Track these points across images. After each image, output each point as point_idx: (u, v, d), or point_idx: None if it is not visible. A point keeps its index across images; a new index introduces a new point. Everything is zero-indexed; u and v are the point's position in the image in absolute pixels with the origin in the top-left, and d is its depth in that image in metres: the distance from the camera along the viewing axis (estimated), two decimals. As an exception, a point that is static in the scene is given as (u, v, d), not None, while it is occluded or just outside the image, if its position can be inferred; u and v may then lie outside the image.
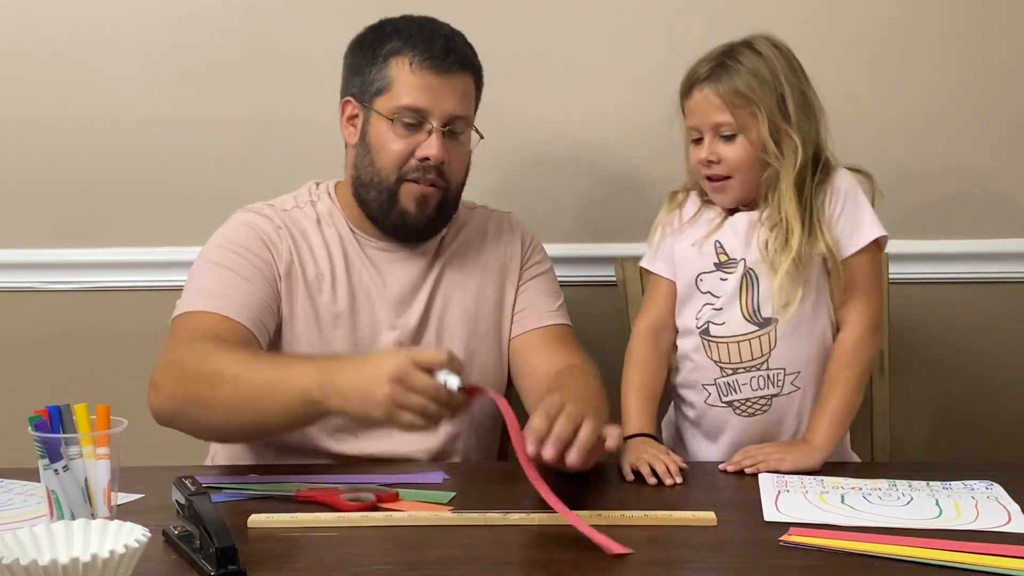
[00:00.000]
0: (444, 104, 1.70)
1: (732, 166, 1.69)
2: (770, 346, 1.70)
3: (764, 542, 1.33)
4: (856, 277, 1.70)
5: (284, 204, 1.80)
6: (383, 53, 1.72)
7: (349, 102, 1.77)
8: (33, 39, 2.18)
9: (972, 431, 2.22)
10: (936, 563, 1.26)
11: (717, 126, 1.69)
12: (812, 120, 1.70)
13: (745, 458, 1.66)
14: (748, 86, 1.67)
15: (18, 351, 2.25)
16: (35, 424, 1.33)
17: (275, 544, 1.34)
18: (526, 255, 1.87)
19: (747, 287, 1.70)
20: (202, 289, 1.68)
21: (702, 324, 1.73)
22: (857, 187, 1.71)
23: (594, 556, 1.31)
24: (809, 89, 1.71)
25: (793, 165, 1.67)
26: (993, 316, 2.19)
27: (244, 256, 1.71)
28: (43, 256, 2.23)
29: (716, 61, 1.70)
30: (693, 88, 1.71)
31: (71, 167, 2.21)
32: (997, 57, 2.14)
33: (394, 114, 1.70)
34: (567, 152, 2.18)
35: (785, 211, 1.67)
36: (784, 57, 1.70)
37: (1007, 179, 2.16)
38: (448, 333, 1.79)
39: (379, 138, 1.72)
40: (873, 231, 1.69)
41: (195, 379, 1.54)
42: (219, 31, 2.18)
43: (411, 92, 1.69)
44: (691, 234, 1.76)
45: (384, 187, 1.72)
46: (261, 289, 1.69)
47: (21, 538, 1.16)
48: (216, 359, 1.54)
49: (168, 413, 1.57)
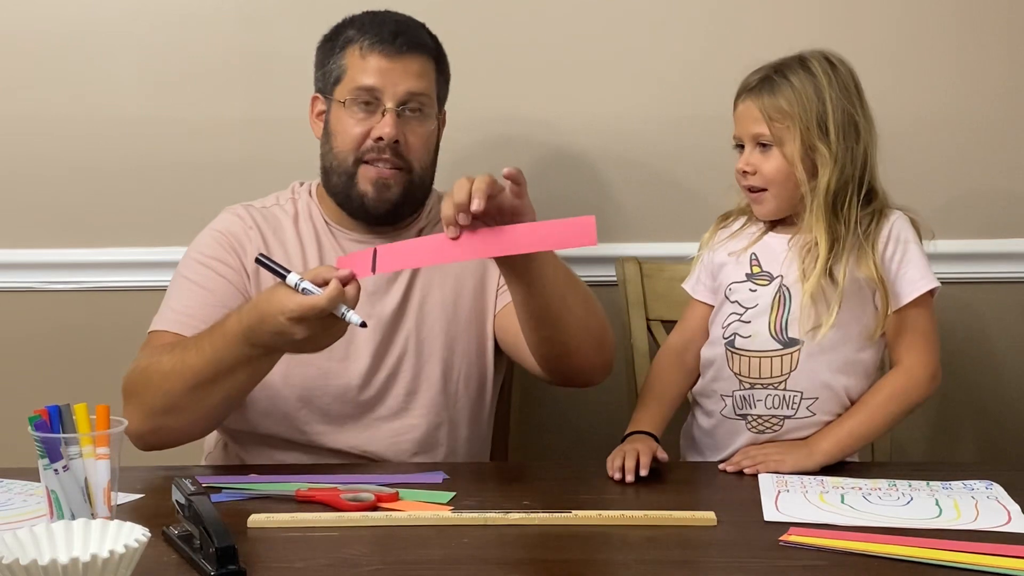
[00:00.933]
0: (397, 83, 1.72)
1: (767, 178, 1.70)
2: (791, 367, 1.69)
3: (764, 542, 1.34)
4: (914, 325, 1.70)
5: (265, 202, 1.84)
6: (339, 43, 1.77)
7: (316, 98, 1.81)
8: (33, 39, 2.18)
9: (972, 431, 2.21)
10: (936, 563, 1.26)
11: (756, 137, 1.70)
12: (858, 143, 1.69)
13: (745, 458, 1.66)
14: (788, 101, 1.67)
15: (18, 351, 2.24)
16: (35, 424, 1.33)
17: (275, 544, 1.34)
18: None
19: (779, 304, 1.70)
20: (169, 305, 1.74)
21: (728, 335, 1.73)
22: (915, 237, 1.71)
23: (594, 556, 1.31)
24: (859, 111, 1.70)
25: (826, 186, 1.66)
26: (993, 316, 2.19)
27: (212, 267, 1.75)
28: (43, 256, 2.23)
29: (764, 74, 1.71)
30: (739, 98, 1.73)
31: (71, 167, 2.21)
32: (997, 57, 2.14)
33: (347, 95, 1.73)
34: (567, 152, 2.18)
35: (814, 230, 1.67)
36: (838, 77, 1.70)
37: (1008, 179, 2.16)
38: (428, 322, 1.79)
39: (337, 123, 1.75)
40: (927, 282, 1.69)
41: (151, 389, 1.58)
42: (219, 31, 2.18)
43: (362, 74, 1.72)
44: (731, 245, 1.77)
45: (343, 170, 1.75)
46: (224, 299, 1.71)
47: (21, 538, 1.16)
48: (158, 361, 1.59)
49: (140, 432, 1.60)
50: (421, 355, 1.78)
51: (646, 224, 2.14)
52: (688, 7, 2.15)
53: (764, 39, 2.11)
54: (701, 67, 2.13)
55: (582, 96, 2.16)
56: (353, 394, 1.75)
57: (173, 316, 1.71)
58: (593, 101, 2.17)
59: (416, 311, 1.79)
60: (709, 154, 2.06)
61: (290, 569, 1.26)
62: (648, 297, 2.07)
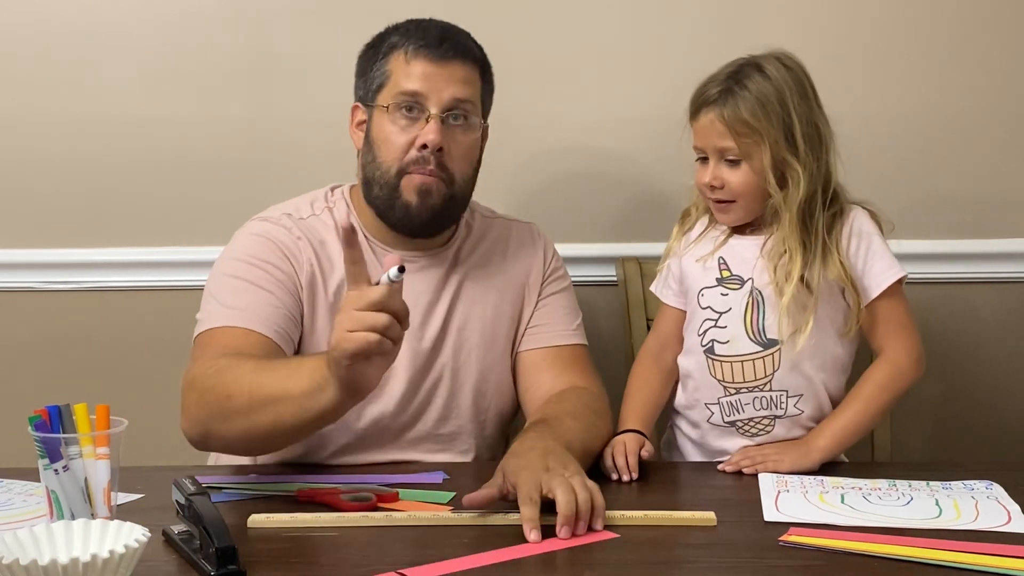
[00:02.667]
0: (442, 90, 1.67)
1: (735, 191, 1.69)
2: (773, 368, 1.70)
3: (764, 542, 1.34)
4: (889, 316, 1.70)
5: (300, 211, 1.76)
6: (383, 50, 1.71)
7: (357, 107, 1.76)
8: (33, 39, 2.18)
9: (972, 431, 2.21)
10: (936, 563, 1.26)
11: (722, 151, 1.68)
12: (822, 148, 1.68)
13: (744, 458, 1.66)
14: (753, 115, 1.65)
15: (18, 351, 2.24)
16: (35, 424, 1.33)
17: (275, 544, 1.34)
18: (547, 270, 1.84)
19: (752, 307, 1.70)
20: (223, 303, 1.65)
21: (706, 342, 1.72)
22: (876, 229, 1.71)
23: (594, 556, 1.31)
24: (819, 115, 1.69)
25: (797, 197, 1.66)
26: (993, 316, 2.19)
27: (263, 268, 1.68)
28: (43, 256, 2.23)
29: (723, 85, 1.68)
30: (700, 110, 1.70)
31: (71, 167, 2.21)
32: (996, 57, 2.14)
33: (391, 101, 1.68)
34: (567, 152, 2.18)
35: (787, 241, 1.67)
36: (795, 80, 1.68)
37: (1007, 179, 2.16)
38: (466, 348, 1.76)
39: (380, 131, 1.70)
40: (893, 272, 1.69)
41: (212, 396, 1.50)
42: (219, 31, 2.18)
43: (407, 79, 1.67)
44: (697, 251, 1.76)
45: (386, 181, 1.69)
46: (283, 300, 1.66)
47: (21, 538, 1.16)
48: (231, 372, 1.50)
49: (196, 437, 1.55)
50: (456, 382, 1.76)
51: (646, 224, 2.14)
52: (689, 8, 2.15)
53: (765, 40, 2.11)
54: (702, 67, 2.12)
55: (582, 96, 2.16)
56: (387, 420, 1.73)
57: (234, 313, 1.63)
58: (593, 101, 2.17)
59: (455, 337, 1.76)
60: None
61: (290, 569, 1.26)
62: (648, 297, 2.07)
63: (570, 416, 1.63)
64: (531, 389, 1.78)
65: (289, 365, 1.50)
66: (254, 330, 1.61)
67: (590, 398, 1.71)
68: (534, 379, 1.78)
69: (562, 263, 1.88)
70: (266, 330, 1.62)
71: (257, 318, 1.62)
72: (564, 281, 1.86)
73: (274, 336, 1.63)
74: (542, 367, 1.78)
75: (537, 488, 1.37)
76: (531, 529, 1.34)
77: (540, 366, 1.78)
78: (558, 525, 1.34)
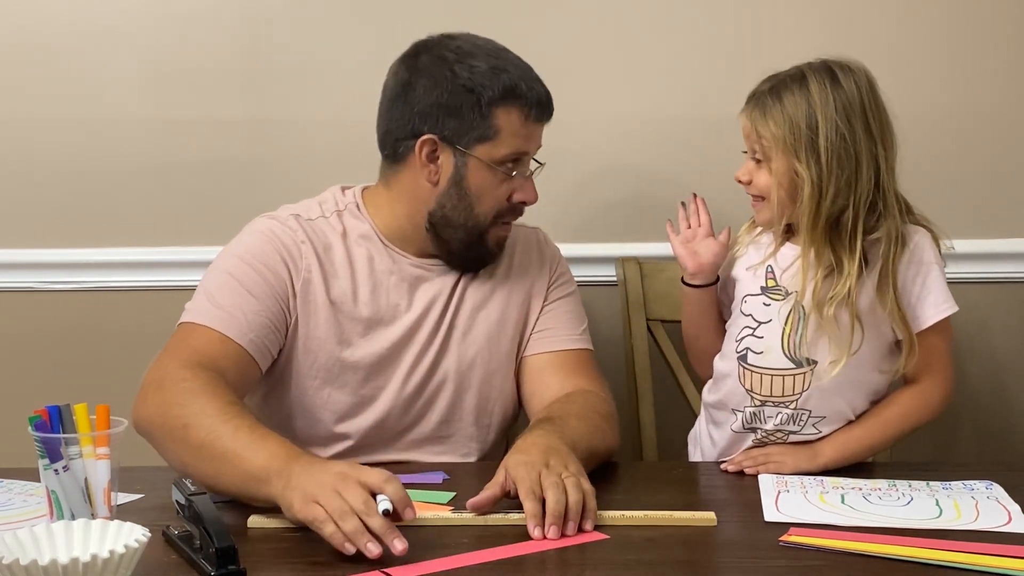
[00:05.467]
0: (536, 146, 1.73)
1: (761, 189, 1.68)
2: (803, 387, 1.66)
3: (764, 542, 1.34)
4: (931, 349, 1.67)
5: (309, 212, 1.75)
6: (488, 99, 1.66)
7: (433, 141, 1.67)
8: (33, 39, 2.18)
9: (972, 431, 2.21)
10: (936, 563, 1.26)
11: (751, 150, 1.69)
12: (859, 166, 1.62)
13: (747, 459, 1.66)
14: (777, 125, 1.63)
15: (18, 351, 2.24)
16: (35, 424, 1.33)
17: (275, 544, 1.34)
18: (553, 275, 1.84)
19: (793, 321, 1.66)
20: (211, 300, 1.65)
21: (741, 349, 1.70)
22: (936, 257, 1.68)
23: (594, 556, 1.31)
24: (861, 135, 1.63)
25: (810, 211, 1.62)
26: (993, 316, 2.19)
27: (258, 271, 1.67)
28: (43, 256, 2.23)
29: (764, 88, 1.67)
30: (746, 104, 1.70)
31: (71, 167, 2.21)
32: (997, 57, 2.14)
33: (500, 163, 1.68)
34: (567, 153, 2.17)
35: (802, 254, 1.64)
36: (839, 95, 1.63)
37: (1008, 179, 2.16)
38: (471, 353, 1.76)
39: (482, 185, 1.68)
40: (946, 308, 1.67)
41: (174, 414, 1.49)
42: (220, 31, 2.17)
43: (521, 142, 1.69)
44: (752, 258, 1.73)
45: (475, 229, 1.70)
46: (269, 309, 1.66)
47: (21, 538, 1.16)
48: (199, 402, 1.49)
49: (145, 431, 1.55)
50: (460, 386, 1.76)
51: (646, 224, 2.14)
52: (691, 8, 2.15)
53: (765, 40, 2.12)
54: (703, 68, 2.13)
55: (583, 96, 2.16)
56: (391, 423, 1.73)
57: (217, 313, 1.63)
58: (594, 101, 2.17)
59: (460, 342, 1.76)
60: (710, 155, 2.06)
61: (290, 569, 1.26)
62: (648, 297, 2.07)
63: (575, 417, 1.62)
64: (536, 393, 1.77)
65: (253, 433, 1.45)
66: (232, 338, 1.61)
67: (596, 401, 1.71)
68: (540, 383, 1.78)
69: (567, 268, 1.88)
70: (244, 340, 1.62)
71: (238, 325, 1.62)
72: (570, 286, 1.86)
73: (248, 346, 1.63)
74: (548, 371, 1.78)
75: (537, 483, 1.38)
76: (535, 525, 1.35)
77: (546, 370, 1.78)
78: (546, 524, 1.35)
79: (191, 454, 1.46)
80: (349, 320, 1.71)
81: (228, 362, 1.60)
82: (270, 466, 1.39)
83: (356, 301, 1.71)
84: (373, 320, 1.72)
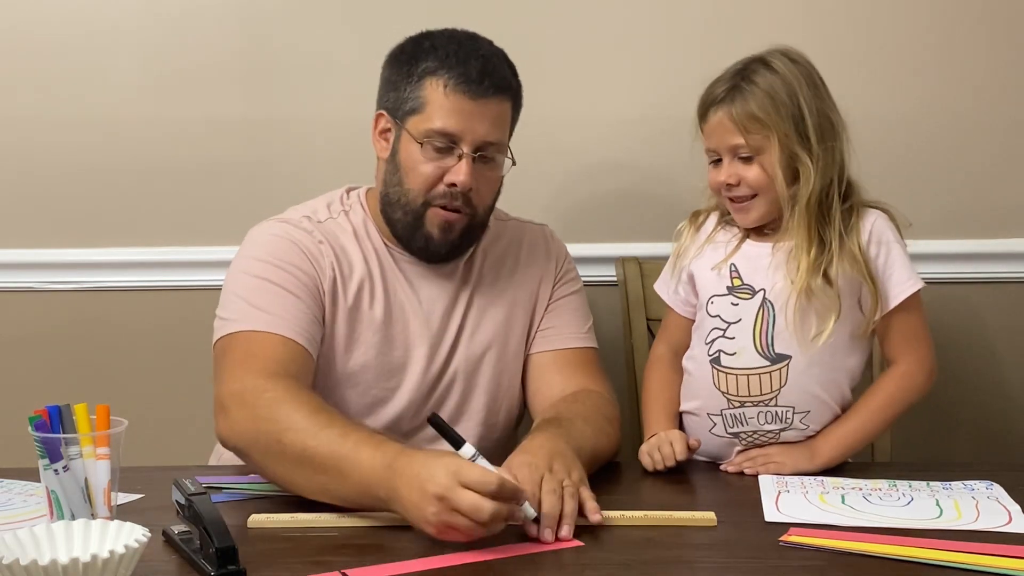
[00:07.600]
0: (476, 129, 1.64)
1: (753, 186, 1.66)
2: (780, 383, 1.67)
3: (764, 542, 1.34)
4: (904, 327, 1.68)
5: (318, 214, 1.74)
6: (418, 71, 1.66)
7: (383, 115, 1.71)
8: (33, 39, 2.18)
9: (972, 431, 2.22)
10: (936, 563, 1.26)
11: (735, 148, 1.66)
12: (835, 139, 1.65)
13: (746, 460, 1.66)
14: (763, 109, 1.63)
15: (18, 351, 2.24)
16: (35, 424, 1.33)
17: (275, 544, 1.34)
18: (559, 273, 1.84)
19: (763, 319, 1.67)
20: (252, 304, 1.62)
21: (713, 352, 1.69)
22: (895, 236, 1.68)
23: (595, 556, 1.31)
24: (830, 106, 1.67)
25: (808, 192, 1.63)
26: (993, 316, 2.19)
27: (290, 271, 1.66)
28: (43, 256, 2.23)
29: (731, 83, 1.66)
30: (709, 110, 1.68)
31: (71, 167, 2.21)
32: (996, 56, 2.14)
33: (424, 137, 1.65)
34: (567, 153, 2.18)
35: (798, 234, 1.64)
36: (803, 73, 1.66)
37: (1007, 179, 2.16)
38: (479, 352, 1.76)
39: (408, 159, 1.67)
40: (912, 284, 1.66)
41: (265, 429, 1.47)
42: (220, 31, 2.17)
43: (443, 115, 1.64)
44: (712, 257, 1.73)
45: (410, 209, 1.68)
46: (310, 305, 1.65)
47: (21, 538, 1.16)
48: (286, 413, 1.46)
49: (237, 447, 1.53)
50: (469, 385, 1.76)
51: (646, 224, 2.14)
52: (690, 8, 2.15)
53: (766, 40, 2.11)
54: (701, 68, 2.12)
55: (582, 95, 2.16)
56: (404, 424, 1.73)
57: (267, 317, 1.61)
58: (593, 100, 2.17)
59: (468, 341, 1.75)
60: (709, 154, 2.06)
61: (290, 569, 1.26)
62: (648, 297, 2.07)
63: (582, 419, 1.62)
64: (540, 391, 1.77)
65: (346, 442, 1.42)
66: (290, 338, 1.60)
67: (601, 402, 1.71)
68: (544, 381, 1.78)
69: (574, 266, 1.88)
70: (300, 338, 1.61)
71: (291, 325, 1.61)
72: (576, 284, 1.86)
73: (307, 344, 1.62)
74: (552, 370, 1.78)
75: (537, 486, 1.38)
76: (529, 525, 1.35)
77: (550, 368, 1.78)
78: (539, 527, 1.35)
79: (292, 471, 1.45)
80: (364, 322, 1.71)
81: (296, 364, 1.59)
82: (369, 480, 1.37)
83: (372, 300, 1.71)
84: (387, 318, 1.72)
